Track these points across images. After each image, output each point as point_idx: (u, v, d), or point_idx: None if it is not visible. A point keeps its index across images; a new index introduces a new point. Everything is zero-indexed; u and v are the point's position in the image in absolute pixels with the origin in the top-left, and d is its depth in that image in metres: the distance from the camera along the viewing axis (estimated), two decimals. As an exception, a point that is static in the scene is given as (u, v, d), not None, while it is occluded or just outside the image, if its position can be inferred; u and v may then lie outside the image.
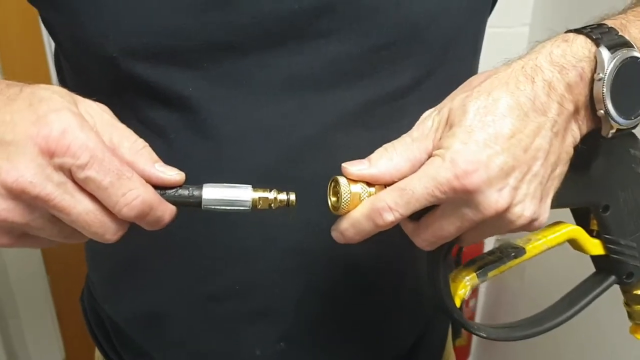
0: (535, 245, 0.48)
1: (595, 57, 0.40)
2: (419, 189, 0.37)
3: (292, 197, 0.41)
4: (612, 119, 0.40)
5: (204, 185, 0.40)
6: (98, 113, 0.38)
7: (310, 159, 0.49)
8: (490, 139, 0.37)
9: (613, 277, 0.51)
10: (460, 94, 0.40)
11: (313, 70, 0.48)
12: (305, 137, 0.49)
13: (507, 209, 0.38)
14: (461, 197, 0.37)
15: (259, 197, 0.40)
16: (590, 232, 0.50)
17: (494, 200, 0.37)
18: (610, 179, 0.48)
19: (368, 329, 0.58)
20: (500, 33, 1.02)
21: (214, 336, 0.56)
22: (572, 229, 0.49)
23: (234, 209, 0.40)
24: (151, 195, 0.37)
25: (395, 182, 0.39)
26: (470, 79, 0.42)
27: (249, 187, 0.40)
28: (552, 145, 0.39)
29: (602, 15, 0.45)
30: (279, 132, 0.49)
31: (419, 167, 0.39)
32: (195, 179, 0.40)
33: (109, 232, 0.37)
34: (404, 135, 0.41)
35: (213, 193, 0.39)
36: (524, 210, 0.38)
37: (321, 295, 0.54)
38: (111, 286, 0.61)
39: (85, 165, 0.35)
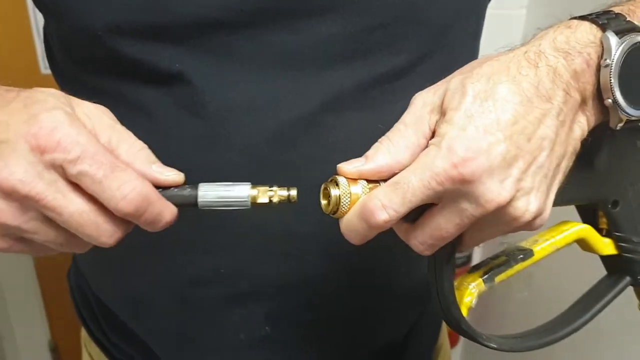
0: (543, 246, 0.45)
1: (601, 43, 0.37)
2: (414, 181, 0.34)
3: (293, 192, 0.39)
4: (621, 108, 0.38)
5: (200, 184, 0.38)
6: (96, 115, 0.37)
7: (301, 140, 0.47)
8: (491, 125, 0.34)
9: (628, 279, 0.48)
10: (457, 76, 0.37)
11: (305, 49, 0.46)
12: (297, 117, 0.47)
13: (510, 203, 0.35)
14: (460, 190, 0.34)
15: (259, 194, 0.38)
16: (599, 231, 0.48)
17: (495, 192, 0.34)
18: (618, 173, 0.45)
19: (358, 315, 0.56)
20: (498, 15, 1.01)
21: (198, 320, 0.54)
22: (581, 228, 0.46)
23: (233, 209, 0.38)
24: (148, 188, 0.35)
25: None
26: (470, 63, 0.39)
27: (248, 184, 0.38)
28: (558, 135, 0.36)
29: (608, 3, 0.43)
30: (269, 112, 0.47)
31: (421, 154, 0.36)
32: (182, 158, 0.39)
33: (105, 234, 0.36)
34: (396, 124, 0.38)
35: (210, 193, 0.38)
36: (528, 205, 0.35)
37: (308, 280, 0.52)
38: (95, 269, 0.60)
39: (77, 159, 0.34)
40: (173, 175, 0.38)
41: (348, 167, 0.37)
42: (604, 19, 0.38)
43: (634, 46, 0.37)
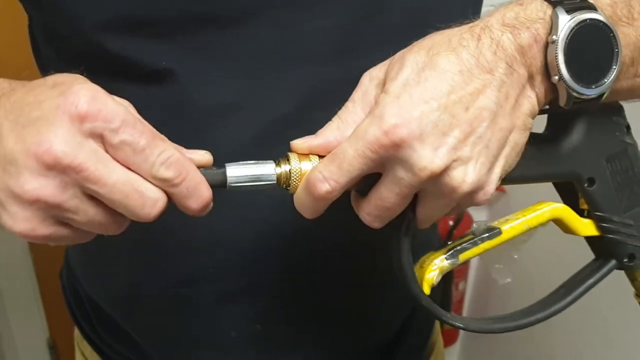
0: (513, 225, 0.44)
1: (551, 20, 0.37)
2: (349, 151, 0.35)
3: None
4: (569, 86, 0.37)
5: (226, 164, 0.38)
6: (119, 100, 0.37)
7: (288, 136, 0.47)
8: (425, 93, 0.34)
9: (613, 262, 0.46)
10: (402, 51, 0.38)
11: (293, 44, 0.47)
12: (284, 114, 0.48)
13: (446, 172, 0.35)
14: (395, 157, 0.34)
15: (283, 171, 0.39)
16: (581, 213, 0.46)
17: (428, 158, 0.34)
18: (592, 149, 0.44)
19: (348, 312, 0.56)
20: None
21: (189, 318, 0.55)
22: (555, 207, 0.45)
23: (261, 184, 0.38)
24: (185, 157, 0.36)
25: None
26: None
27: (272, 162, 0.39)
28: (501, 107, 0.36)
29: None
30: (256, 108, 0.47)
31: None
32: None
33: (148, 202, 0.35)
34: (347, 101, 0.39)
35: (237, 171, 0.38)
36: (465, 175, 0.35)
37: (298, 277, 0.52)
38: (87, 268, 0.61)
39: (118, 128, 0.33)
40: (205, 153, 0.38)
41: (299, 142, 0.39)
42: None
43: (582, 23, 0.36)
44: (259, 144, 0.48)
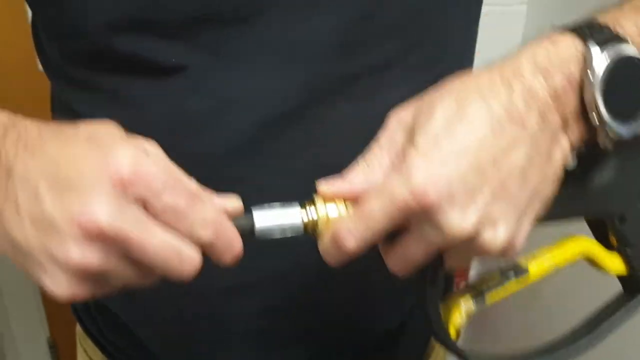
0: (541, 264, 0.43)
1: (584, 57, 0.35)
2: (376, 209, 0.34)
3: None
4: (609, 127, 0.35)
5: (253, 210, 0.37)
6: (153, 152, 0.36)
7: (291, 132, 0.48)
8: (455, 151, 0.33)
9: (643, 297, 0.45)
10: (430, 94, 0.36)
11: (298, 42, 0.46)
12: (284, 110, 0.47)
13: (476, 233, 0.33)
14: (423, 217, 0.33)
15: (310, 218, 0.37)
16: (610, 247, 0.45)
17: (457, 221, 0.33)
18: (623, 186, 0.42)
19: (353, 307, 0.56)
20: (497, 11, 0.97)
21: (193, 312, 0.54)
22: (584, 244, 0.43)
23: (288, 234, 0.38)
24: (222, 215, 0.35)
25: None
26: (447, 80, 0.38)
27: (297, 205, 0.38)
28: (531, 162, 0.34)
29: (597, 9, 0.40)
30: (259, 104, 0.47)
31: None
32: (172, 150, 0.38)
33: (186, 262, 0.34)
34: (372, 143, 0.38)
35: (264, 220, 0.37)
36: (496, 236, 0.34)
37: (302, 271, 0.51)
38: None
39: (160, 192, 0.33)
40: (237, 202, 0.37)
41: (325, 187, 0.37)
42: (585, 30, 0.35)
43: (618, 58, 0.34)
44: (260, 139, 0.48)
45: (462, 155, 0.33)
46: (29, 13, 1.30)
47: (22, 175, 0.33)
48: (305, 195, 0.40)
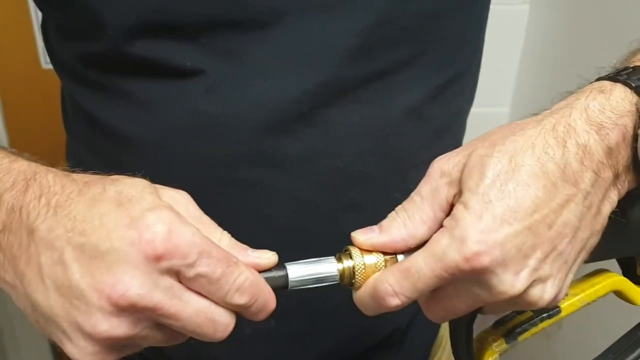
0: (572, 301, 0.43)
1: (637, 109, 0.34)
2: (425, 270, 0.33)
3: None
4: None
5: (286, 264, 0.36)
6: (182, 204, 0.35)
7: (305, 135, 0.48)
8: (508, 213, 0.32)
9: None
10: (479, 148, 0.35)
11: (313, 47, 0.46)
12: (300, 112, 0.47)
13: (525, 291, 0.33)
14: (472, 278, 0.33)
15: (346, 268, 0.37)
16: (637, 281, 0.45)
17: (508, 284, 0.32)
18: None
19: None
20: (500, 10, 0.95)
21: None
22: (614, 280, 0.44)
23: (323, 284, 0.37)
24: (257, 276, 0.34)
25: (413, 248, 0.35)
26: (493, 130, 0.36)
27: (333, 259, 0.37)
28: (582, 221, 0.34)
29: (632, 49, 0.39)
30: (271, 108, 0.47)
31: (438, 227, 0.35)
32: (185, 152, 0.39)
33: (220, 328, 0.34)
34: (412, 194, 0.37)
35: (298, 272, 0.36)
36: (544, 293, 0.34)
37: None
38: None
39: (195, 262, 0.31)
40: (271, 256, 0.36)
41: (361, 238, 0.36)
42: (636, 81, 0.34)
43: None
44: (274, 141, 0.48)
45: (516, 219, 0.32)
46: (33, 13, 1.24)
47: (46, 238, 0.32)
48: (312, 199, 0.38)
